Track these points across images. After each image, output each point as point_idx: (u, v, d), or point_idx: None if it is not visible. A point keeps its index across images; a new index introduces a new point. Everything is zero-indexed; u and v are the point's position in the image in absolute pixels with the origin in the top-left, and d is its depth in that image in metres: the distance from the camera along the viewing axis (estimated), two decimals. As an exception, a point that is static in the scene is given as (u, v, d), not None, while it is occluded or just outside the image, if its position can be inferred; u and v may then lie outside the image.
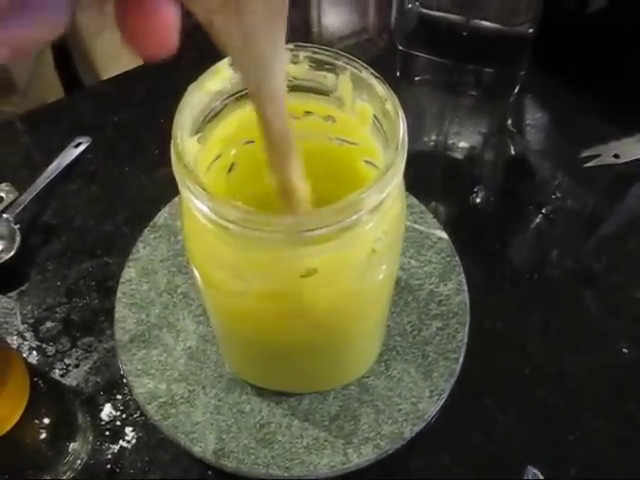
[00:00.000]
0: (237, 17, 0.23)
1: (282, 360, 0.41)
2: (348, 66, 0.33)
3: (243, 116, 0.36)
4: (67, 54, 1.10)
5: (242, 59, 0.25)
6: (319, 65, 0.34)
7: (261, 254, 0.31)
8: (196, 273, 0.36)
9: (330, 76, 0.34)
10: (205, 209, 0.29)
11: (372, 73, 0.33)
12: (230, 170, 0.39)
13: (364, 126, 0.35)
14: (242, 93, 0.35)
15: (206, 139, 0.34)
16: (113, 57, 1.06)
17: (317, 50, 0.34)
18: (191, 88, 0.32)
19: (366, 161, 0.37)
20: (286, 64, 0.27)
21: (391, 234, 0.33)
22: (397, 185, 0.30)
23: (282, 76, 0.26)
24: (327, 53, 0.33)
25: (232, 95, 0.35)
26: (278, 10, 0.24)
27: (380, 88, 0.32)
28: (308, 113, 0.37)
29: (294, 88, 0.35)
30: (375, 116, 0.33)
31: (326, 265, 0.31)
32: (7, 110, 0.92)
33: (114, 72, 0.68)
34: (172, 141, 0.30)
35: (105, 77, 0.78)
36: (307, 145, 0.38)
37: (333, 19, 0.73)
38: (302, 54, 0.34)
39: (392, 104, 0.31)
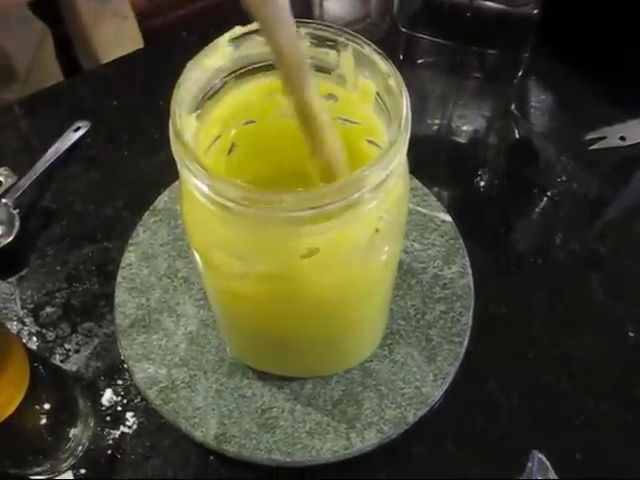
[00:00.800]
0: None
1: (283, 344, 0.41)
2: (350, 42, 0.33)
3: (243, 96, 0.36)
4: (68, 42, 1.10)
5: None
6: (321, 42, 0.33)
7: (261, 234, 0.30)
8: (196, 255, 0.35)
9: (332, 53, 0.34)
10: (204, 188, 0.28)
11: (375, 49, 0.32)
12: (230, 152, 0.38)
13: (366, 104, 0.34)
14: (242, 71, 0.35)
15: (205, 117, 0.33)
16: (114, 45, 1.06)
17: (318, 26, 0.33)
18: (190, 64, 0.31)
19: (369, 141, 0.36)
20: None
21: (394, 214, 0.33)
22: (400, 163, 0.30)
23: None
24: (329, 29, 0.33)
25: (232, 73, 0.34)
26: None
27: (383, 64, 0.32)
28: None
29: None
30: (378, 93, 0.33)
31: (328, 245, 0.30)
32: (8, 98, 0.92)
33: (115, 59, 0.67)
34: (170, 119, 0.30)
35: (105, 64, 0.78)
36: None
37: (335, 2, 0.72)
38: (303, 30, 0.33)
39: (395, 80, 0.31)
